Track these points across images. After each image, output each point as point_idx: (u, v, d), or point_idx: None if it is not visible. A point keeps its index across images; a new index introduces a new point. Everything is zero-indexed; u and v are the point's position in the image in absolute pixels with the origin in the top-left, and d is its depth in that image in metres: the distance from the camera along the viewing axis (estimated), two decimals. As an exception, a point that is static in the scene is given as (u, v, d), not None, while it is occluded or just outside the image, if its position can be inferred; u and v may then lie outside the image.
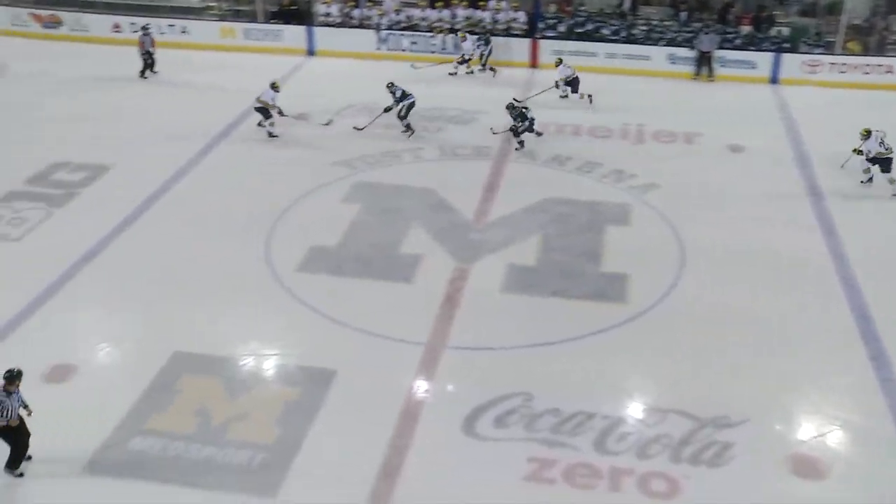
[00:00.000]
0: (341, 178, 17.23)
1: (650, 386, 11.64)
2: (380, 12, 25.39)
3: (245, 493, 9.67)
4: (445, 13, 25.14)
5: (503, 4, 25.17)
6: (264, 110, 18.86)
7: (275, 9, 26.40)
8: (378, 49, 24.91)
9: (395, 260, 14.41)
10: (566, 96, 21.51)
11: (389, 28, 25.06)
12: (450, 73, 23.70)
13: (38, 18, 26.27)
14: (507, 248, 14.79)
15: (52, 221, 15.50)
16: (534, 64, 24.39)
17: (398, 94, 19.21)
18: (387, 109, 19.34)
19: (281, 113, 18.88)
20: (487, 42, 24.03)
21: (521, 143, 18.60)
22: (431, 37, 24.79)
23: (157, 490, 9.69)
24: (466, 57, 23.62)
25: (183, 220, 15.64)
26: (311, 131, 19.53)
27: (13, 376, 9.70)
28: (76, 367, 11.70)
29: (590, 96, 21.14)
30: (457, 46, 24.06)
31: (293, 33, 25.36)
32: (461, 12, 25.10)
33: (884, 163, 16.50)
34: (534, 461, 10.12)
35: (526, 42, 24.54)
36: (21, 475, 9.93)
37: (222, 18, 26.35)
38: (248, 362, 11.93)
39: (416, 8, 25.57)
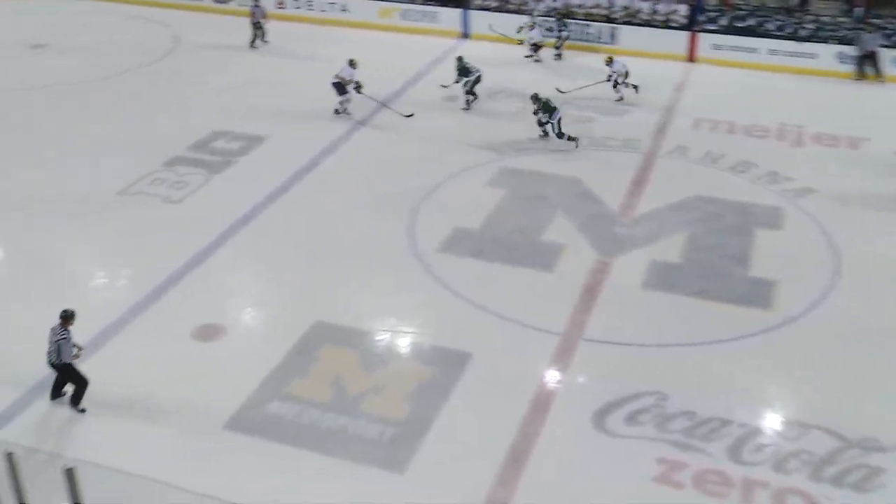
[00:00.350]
0: (488, 162, 17.27)
1: (792, 398, 11.19)
2: (536, -2, 25.24)
3: (374, 465, 9.87)
4: (603, 0, 24.70)
5: (664, -6, 24.54)
6: (340, 86, 19.16)
7: (433, -10, 26.63)
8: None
9: (536, 247, 14.35)
10: (621, 99, 20.66)
11: (545, 15, 24.85)
12: (534, 61, 23.42)
13: (212, -6, 27.51)
14: (651, 243, 14.49)
15: (210, 187, 16.22)
16: (691, 58, 23.67)
17: (461, 70, 19.87)
18: (456, 81, 20.04)
19: (358, 89, 19.23)
20: (565, 26, 23.83)
21: (563, 136, 17.90)
22: (587, 25, 24.42)
23: (290, 453, 10.02)
24: (531, 42, 23.34)
25: (332, 193, 16.06)
26: (458, 115, 19.67)
27: (69, 315, 10.35)
28: (224, 328, 12.23)
29: (635, 86, 20.54)
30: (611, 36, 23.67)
31: (449, 15, 25.51)
32: (619, 1, 24.59)
33: None
34: (663, 462, 9.91)
35: (684, 35, 23.83)
36: (84, 410, 10.54)
37: (382, -2, 26.77)
38: (385, 338, 12.17)
39: (574, -6, 25.24)
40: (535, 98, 17.97)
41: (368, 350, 11.88)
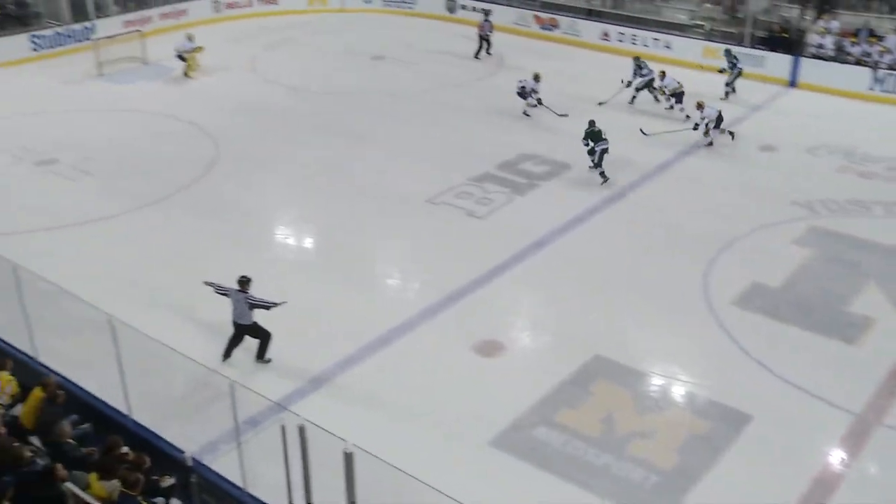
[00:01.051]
0: (798, 218, 16.25)
1: None
2: (882, 49, 23.34)
3: (632, 510, 9.63)
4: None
5: None
6: (522, 94, 21.09)
7: (764, 34, 25.55)
8: (871, 90, 22.96)
9: (840, 316, 13.29)
10: (671, 107, 21.38)
11: (891, 68, 22.96)
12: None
13: (539, 20, 28.34)
14: (982, 333, 12.92)
15: (512, 206, 16.66)
16: None
17: (639, 71, 21.63)
18: (628, 84, 21.70)
19: (539, 101, 20.87)
20: (737, 60, 22.39)
21: (599, 167, 17.69)
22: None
23: (549, 481, 10.01)
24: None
25: (630, 228, 15.91)
26: (772, 165, 18.74)
27: (248, 280, 11.59)
28: (504, 346, 12.49)
29: (731, 133, 19.68)
30: None
31: (777, 61, 24.29)
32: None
33: None
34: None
35: None
36: (269, 360, 11.80)
37: (708, 38, 26.12)
38: (663, 383, 11.82)
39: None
40: (592, 124, 17.78)
41: (644, 392, 11.61)
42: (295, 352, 12.15)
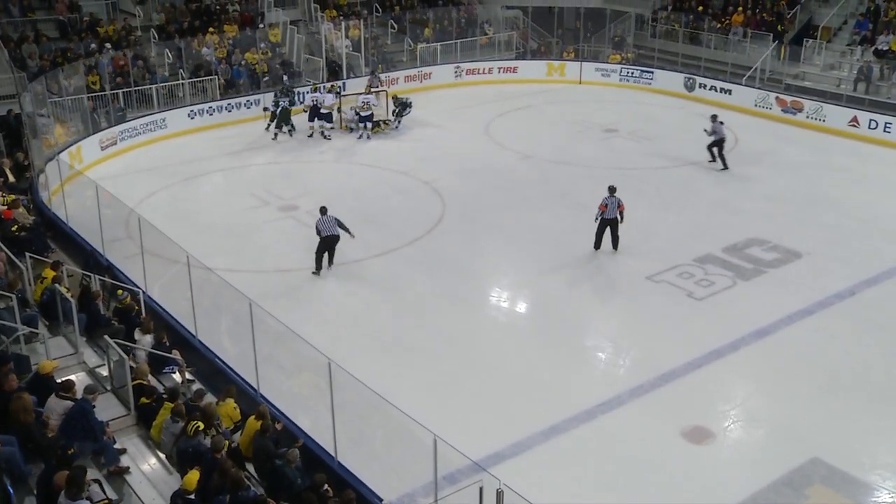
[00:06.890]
0: None
1: None
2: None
3: None
4: None
5: None
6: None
7: None
8: None
9: None
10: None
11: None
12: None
13: (781, 102, 27.32)
14: None
15: (734, 291, 15.99)
16: None
17: None
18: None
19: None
20: None
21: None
22: None
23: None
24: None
25: (864, 326, 14.80)
26: None
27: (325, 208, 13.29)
28: (714, 435, 11.95)
29: None
30: None
31: None
32: None
33: None
34: None
35: None
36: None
37: None
38: (889, 499, 10.80)
39: None
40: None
41: (867, 505, 10.68)
42: (499, 415, 12.23)
